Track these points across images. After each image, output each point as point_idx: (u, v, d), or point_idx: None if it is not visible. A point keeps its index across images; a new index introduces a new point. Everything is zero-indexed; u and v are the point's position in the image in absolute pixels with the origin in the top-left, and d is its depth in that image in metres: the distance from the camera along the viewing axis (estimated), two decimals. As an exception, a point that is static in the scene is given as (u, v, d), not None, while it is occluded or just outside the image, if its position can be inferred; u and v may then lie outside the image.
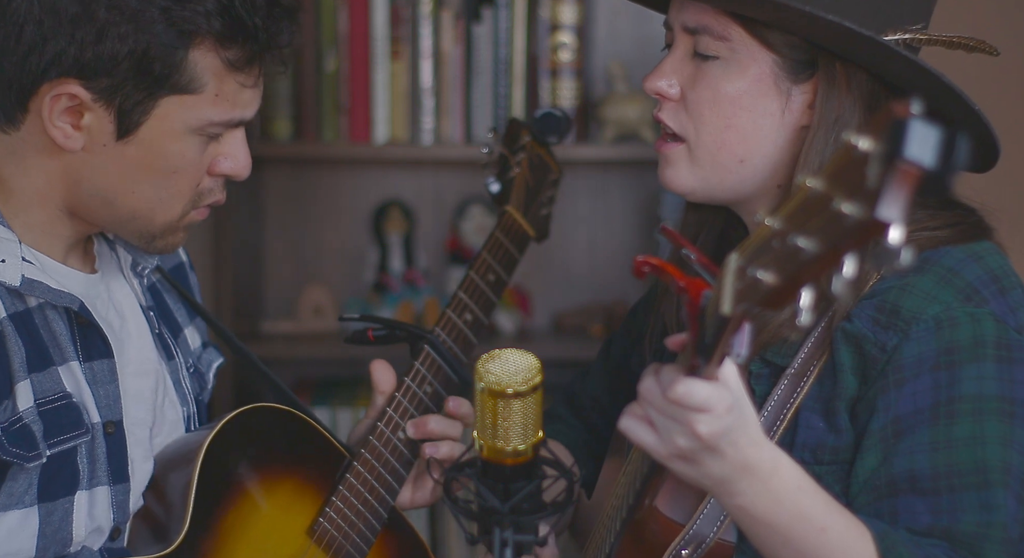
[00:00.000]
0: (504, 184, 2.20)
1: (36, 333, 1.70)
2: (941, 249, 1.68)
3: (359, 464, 1.91)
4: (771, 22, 1.66)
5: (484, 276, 2.08)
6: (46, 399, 1.69)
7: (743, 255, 1.20)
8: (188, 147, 1.70)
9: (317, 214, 3.60)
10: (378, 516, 1.92)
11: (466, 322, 2.05)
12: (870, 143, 1.03)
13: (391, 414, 1.95)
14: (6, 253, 1.69)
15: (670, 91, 1.74)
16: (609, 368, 2.12)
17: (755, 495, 1.47)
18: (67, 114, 1.66)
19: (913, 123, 1.00)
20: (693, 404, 1.38)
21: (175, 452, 1.85)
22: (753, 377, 1.71)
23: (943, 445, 1.60)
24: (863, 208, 1.01)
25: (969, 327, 1.63)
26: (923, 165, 0.99)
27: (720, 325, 1.27)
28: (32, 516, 1.69)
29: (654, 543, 1.69)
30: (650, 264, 1.40)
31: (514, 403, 1.43)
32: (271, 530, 1.86)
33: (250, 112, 1.73)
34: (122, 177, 1.69)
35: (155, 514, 1.82)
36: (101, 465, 1.75)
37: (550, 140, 2.27)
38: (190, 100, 1.67)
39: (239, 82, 1.69)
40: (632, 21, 3.46)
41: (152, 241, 1.76)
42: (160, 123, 1.67)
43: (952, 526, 1.58)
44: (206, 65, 1.66)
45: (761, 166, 1.72)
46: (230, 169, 1.75)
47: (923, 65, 1.64)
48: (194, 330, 2.00)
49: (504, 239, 2.14)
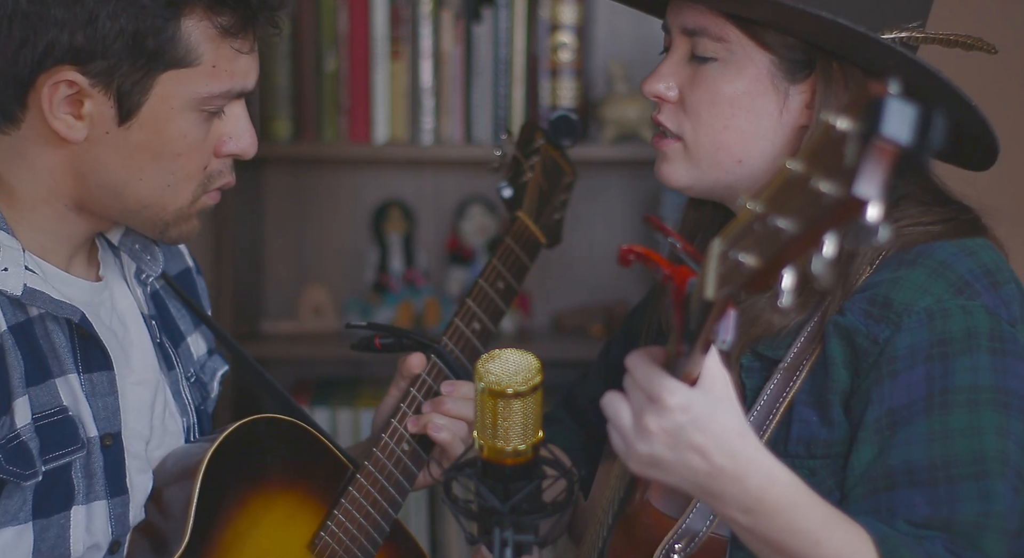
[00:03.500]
0: (517, 189, 2.19)
1: (36, 344, 1.69)
2: (934, 243, 1.68)
3: (362, 476, 1.90)
4: (767, 22, 1.67)
5: (494, 284, 2.07)
6: (43, 414, 1.67)
7: (725, 239, 1.21)
8: (191, 125, 1.68)
9: (317, 214, 3.60)
10: (380, 529, 1.90)
11: (474, 331, 2.03)
12: (848, 123, 1.03)
13: (396, 426, 1.93)
14: (9, 262, 1.67)
15: (668, 94, 1.75)
16: (608, 371, 2.12)
17: (749, 508, 1.44)
18: (67, 104, 1.64)
19: (890, 101, 1.00)
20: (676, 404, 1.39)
21: (176, 464, 1.83)
22: (745, 371, 1.71)
23: (939, 436, 1.60)
24: (841, 186, 1.02)
25: (962, 319, 1.63)
26: (899, 142, 0.99)
27: (705, 311, 1.27)
28: (27, 533, 1.67)
29: (647, 538, 1.69)
30: (635, 252, 1.40)
31: (514, 403, 1.43)
32: (271, 544, 1.85)
33: (250, 82, 1.71)
34: (128, 165, 1.67)
35: (155, 527, 1.81)
36: (98, 479, 1.73)
37: (564, 143, 2.26)
38: (187, 74, 1.65)
39: (235, 48, 1.67)
40: (632, 21, 3.46)
41: (166, 230, 1.74)
42: (161, 102, 1.65)
43: (951, 517, 1.57)
44: (200, 34, 1.64)
45: (759, 166, 1.72)
46: (237, 148, 1.73)
47: (920, 63, 1.64)
48: (199, 337, 1.97)
49: (515, 246, 2.12)
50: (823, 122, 1.05)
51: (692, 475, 1.42)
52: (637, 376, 1.41)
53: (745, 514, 1.45)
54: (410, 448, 1.93)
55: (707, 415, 1.39)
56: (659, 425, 1.40)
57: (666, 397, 1.39)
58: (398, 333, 2.00)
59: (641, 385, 1.41)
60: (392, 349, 2.00)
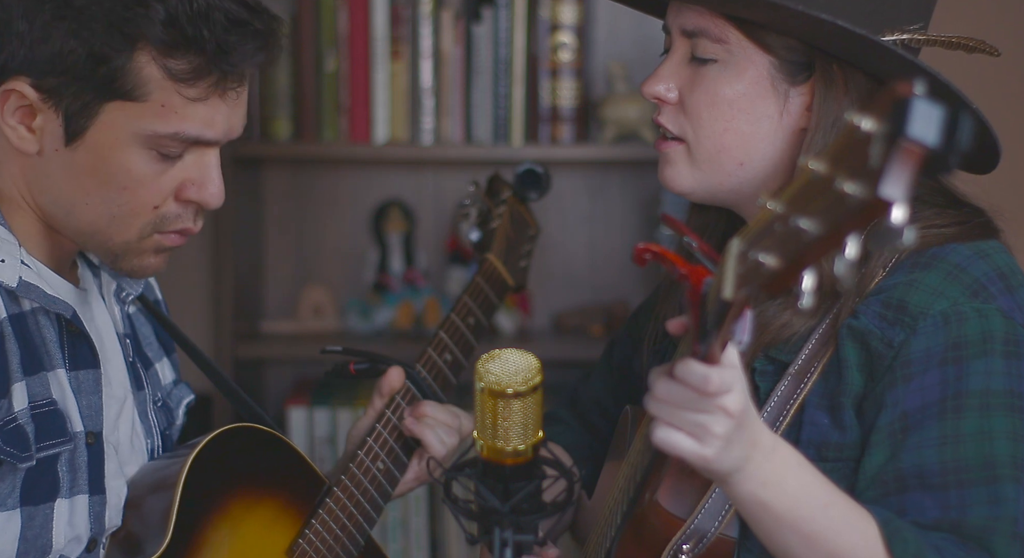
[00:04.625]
0: (485, 233, 2.24)
1: (30, 337, 1.70)
2: (948, 246, 1.67)
3: (339, 490, 1.93)
4: (768, 23, 1.66)
5: (465, 319, 2.12)
6: (36, 403, 1.69)
7: (745, 239, 1.21)
8: (138, 161, 1.66)
9: (317, 214, 3.60)
10: (356, 542, 1.93)
11: (446, 362, 2.08)
12: (872, 123, 1.03)
13: (371, 444, 1.97)
14: (5, 253, 1.69)
15: (668, 95, 1.74)
16: (611, 371, 2.12)
17: (763, 474, 1.47)
18: (21, 115, 1.66)
19: (916, 102, 1.00)
20: (724, 387, 1.39)
21: (153, 472, 1.84)
22: (757, 374, 1.71)
23: (951, 440, 1.60)
24: (866, 187, 1.01)
25: (977, 322, 1.62)
26: (926, 143, 0.99)
27: (722, 311, 1.27)
28: (15, 519, 1.68)
29: (655, 538, 1.69)
30: (651, 251, 1.40)
31: (514, 403, 1.43)
32: (250, 549, 1.86)
33: (211, 132, 1.67)
34: (74, 187, 1.67)
35: (133, 531, 1.81)
36: (82, 474, 1.74)
37: (530, 197, 2.31)
38: (135, 108, 1.63)
39: (184, 95, 1.63)
40: (632, 21, 3.46)
41: (116, 261, 1.73)
42: (106, 130, 1.64)
43: (961, 519, 1.57)
44: (151, 72, 1.62)
45: (760, 169, 1.72)
46: (197, 196, 1.70)
47: (921, 65, 1.64)
48: (167, 365, 1.98)
49: (484, 285, 2.17)
50: (847, 123, 1.05)
51: (742, 449, 1.44)
52: (687, 403, 1.41)
53: (764, 487, 1.47)
54: (384, 467, 1.97)
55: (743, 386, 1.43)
56: (726, 429, 1.42)
57: (732, 407, 1.40)
58: (373, 358, 2.03)
59: (698, 408, 1.41)
60: (368, 375, 2.03)
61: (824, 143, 1.65)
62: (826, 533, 1.51)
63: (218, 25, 1.62)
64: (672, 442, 1.42)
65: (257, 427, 1.90)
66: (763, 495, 1.49)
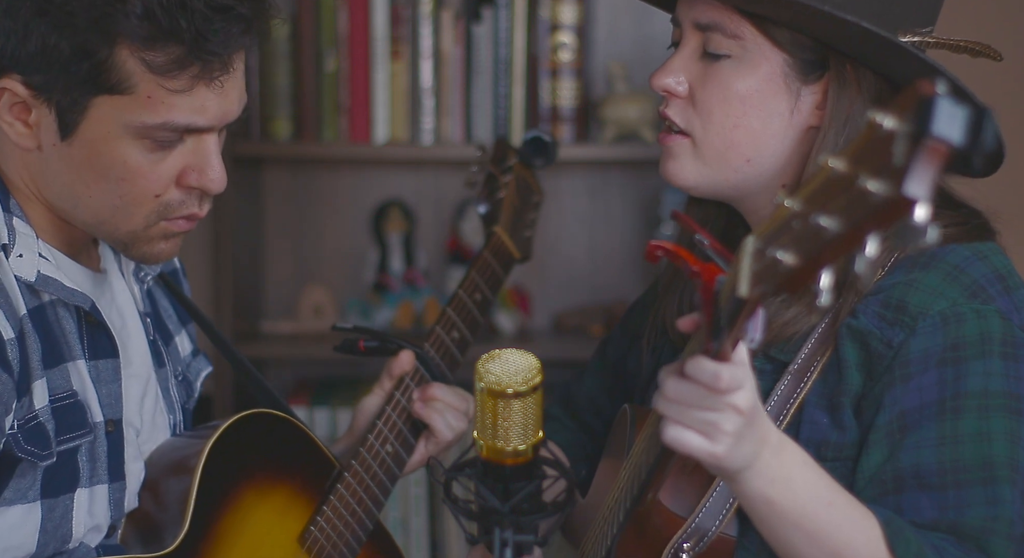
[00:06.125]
0: (492, 205, 2.22)
1: (49, 329, 1.71)
2: (947, 247, 1.68)
3: (350, 475, 1.94)
4: (789, 22, 1.66)
5: (472, 295, 2.12)
6: (57, 397, 1.70)
7: (761, 237, 1.20)
8: (130, 152, 1.66)
9: (317, 214, 3.60)
10: (364, 527, 1.95)
11: (453, 340, 2.07)
12: (895, 122, 1.03)
13: (381, 427, 1.98)
14: (24, 248, 1.70)
15: (678, 88, 1.73)
16: (605, 369, 2.12)
17: (771, 471, 1.48)
18: (16, 111, 1.66)
19: (940, 101, 1.00)
20: (735, 384, 1.39)
21: (170, 455, 1.86)
22: (757, 373, 1.71)
23: (949, 440, 1.60)
24: (890, 185, 1.01)
25: (975, 323, 1.63)
26: (952, 142, 0.99)
27: (735, 309, 1.27)
28: (35, 512, 1.69)
29: (656, 536, 1.69)
30: (664, 248, 1.40)
31: (514, 403, 1.43)
32: (265, 536, 1.87)
33: (203, 119, 1.66)
34: (75, 180, 1.68)
35: (150, 515, 1.83)
36: (101, 464, 1.75)
37: (536, 163, 2.30)
38: (122, 101, 1.63)
39: (165, 87, 1.63)
40: (632, 21, 3.46)
41: (127, 249, 1.75)
42: (98, 124, 1.64)
43: (958, 520, 1.58)
44: (133, 65, 1.62)
45: (768, 166, 1.72)
46: (198, 182, 1.70)
47: (938, 67, 1.64)
48: (185, 337, 2.00)
49: (492, 260, 2.17)
50: (868, 120, 1.05)
51: (751, 446, 1.45)
52: (698, 402, 1.41)
53: (772, 484, 1.48)
54: (393, 450, 1.98)
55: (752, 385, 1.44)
56: (736, 426, 1.42)
57: (742, 404, 1.41)
58: (383, 338, 2.03)
59: (709, 406, 1.41)
60: (376, 353, 2.03)
61: (836, 141, 1.66)
62: (830, 530, 1.52)
63: (197, 14, 1.61)
64: (683, 440, 1.42)
65: (270, 412, 1.91)
66: (770, 492, 1.49)
